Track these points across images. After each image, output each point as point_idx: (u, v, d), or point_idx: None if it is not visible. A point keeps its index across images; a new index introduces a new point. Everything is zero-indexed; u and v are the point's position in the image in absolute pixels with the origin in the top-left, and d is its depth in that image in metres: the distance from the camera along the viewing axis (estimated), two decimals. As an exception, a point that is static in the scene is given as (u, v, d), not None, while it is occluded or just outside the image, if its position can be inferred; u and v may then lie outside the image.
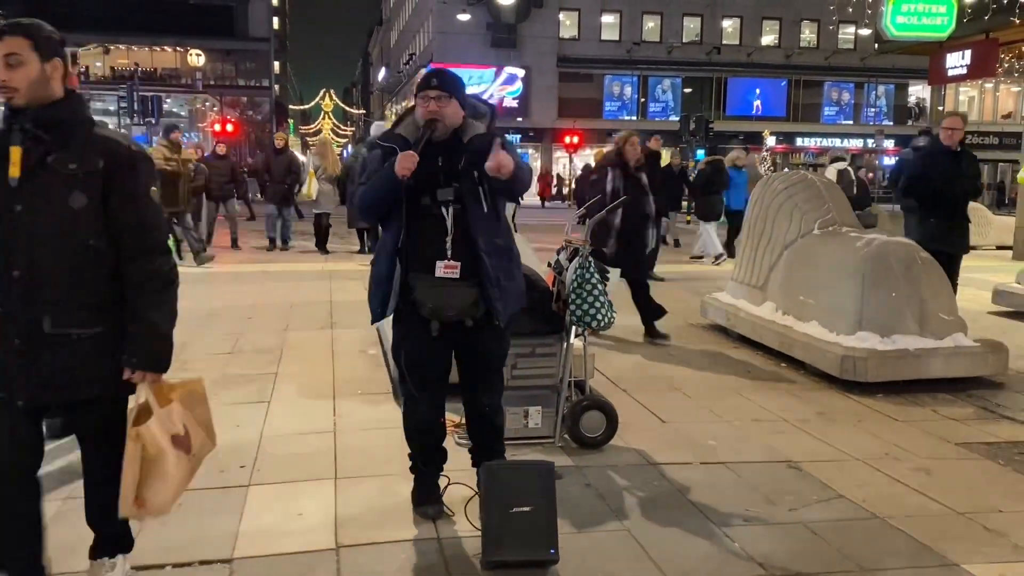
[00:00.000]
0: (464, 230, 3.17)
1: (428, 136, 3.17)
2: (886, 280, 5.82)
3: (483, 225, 3.20)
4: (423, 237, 3.19)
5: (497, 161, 3.07)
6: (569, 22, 42.09)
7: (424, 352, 3.33)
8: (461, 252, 3.18)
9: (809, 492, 3.86)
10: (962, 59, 16.30)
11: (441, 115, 3.18)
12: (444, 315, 3.22)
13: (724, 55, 42.27)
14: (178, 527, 3.36)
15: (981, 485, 4.02)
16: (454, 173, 3.20)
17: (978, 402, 5.44)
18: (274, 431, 4.56)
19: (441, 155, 3.20)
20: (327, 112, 79.98)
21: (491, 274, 3.19)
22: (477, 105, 3.38)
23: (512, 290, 3.30)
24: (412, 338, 3.32)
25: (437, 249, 3.17)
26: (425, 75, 3.30)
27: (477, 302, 3.21)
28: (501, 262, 3.24)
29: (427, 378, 3.39)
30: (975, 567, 3.16)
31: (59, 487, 3.67)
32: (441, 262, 3.17)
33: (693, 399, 5.39)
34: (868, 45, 36.14)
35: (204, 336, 7.00)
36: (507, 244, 3.33)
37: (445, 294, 3.19)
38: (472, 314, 3.24)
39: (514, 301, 3.33)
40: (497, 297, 3.21)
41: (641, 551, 3.23)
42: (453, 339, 3.32)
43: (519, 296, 3.39)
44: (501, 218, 3.34)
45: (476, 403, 3.50)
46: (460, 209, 3.18)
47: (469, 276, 3.19)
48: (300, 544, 3.24)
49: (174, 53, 46.61)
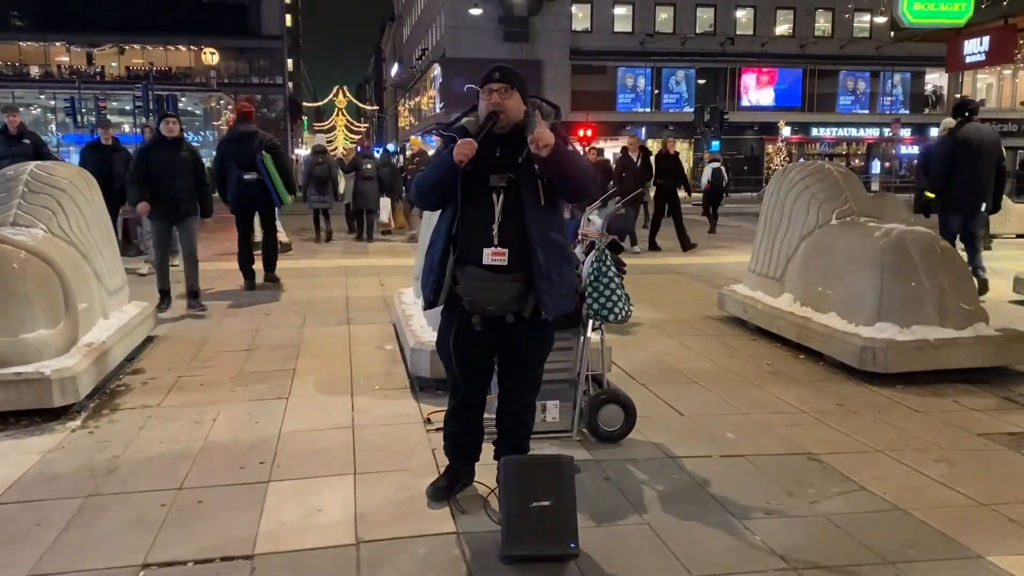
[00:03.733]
0: (516, 218, 3.19)
1: (490, 127, 3.21)
2: (905, 270, 5.77)
3: (537, 215, 3.21)
4: (473, 223, 3.23)
5: (537, 134, 3.09)
6: (581, 15, 41.94)
7: (465, 343, 3.36)
8: (510, 240, 3.19)
9: (830, 484, 3.84)
10: (980, 46, 16.11)
11: (503, 107, 3.22)
12: (484, 309, 3.25)
13: (738, 45, 42.00)
14: (199, 524, 3.38)
15: (1004, 476, 3.97)
16: (512, 164, 3.22)
17: (1000, 392, 5.39)
18: (293, 427, 4.58)
19: (500, 146, 3.24)
20: (340, 109, 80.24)
21: (542, 265, 3.19)
22: (543, 106, 3.41)
23: (562, 287, 3.30)
24: (456, 328, 3.37)
25: (485, 235, 3.20)
26: (489, 69, 3.33)
27: (521, 297, 3.23)
28: (554, 256, 3.25)
29: (467, 369, 3.42)
30: (999, 559, 3.12)
31: None
32: (488, 248, 3.19)
33: (711, 392, 5.37)
34: (884, 33, 35.85)
35: (222, 332, 7.04)
36: (562, 242, 3.34)
37: (487, 288, 3.21)
38: (513, 309, 3.25)
39: (564, 300, 3.32)
40: (546, 290, 3.21)
41: (662, 545, 3.22)
42: (496, 332, 3.34)
43: (569, 297, 3.40)
44: (558, 214, 3.36)
45: (509, 399, 3.52)
46: (514, 197, 3.20)
47: (518, 268, 3.20)
48: (321, 540, 3.24)
49: (188, 52, 46.85)
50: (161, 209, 7.76)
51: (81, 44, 45.60)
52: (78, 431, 4.53)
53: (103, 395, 5.17)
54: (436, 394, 5.03)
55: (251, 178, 8.81)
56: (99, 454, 4.16)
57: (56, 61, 46.44)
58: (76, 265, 5.49)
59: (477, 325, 3.30)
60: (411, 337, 5.47)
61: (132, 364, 5.93)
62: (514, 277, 3.21)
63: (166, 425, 4.62)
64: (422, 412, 4.80)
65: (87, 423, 4.66)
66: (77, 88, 37.72)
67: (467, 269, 3.24)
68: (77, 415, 4.75)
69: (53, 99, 44.75)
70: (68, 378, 4.65)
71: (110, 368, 5.40)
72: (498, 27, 40.03)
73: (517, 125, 3.27)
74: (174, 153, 7.77)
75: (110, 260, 6.33)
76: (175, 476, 3.86)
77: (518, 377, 3.49)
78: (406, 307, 6.39)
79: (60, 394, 4.62)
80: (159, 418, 4.75)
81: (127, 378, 5.60)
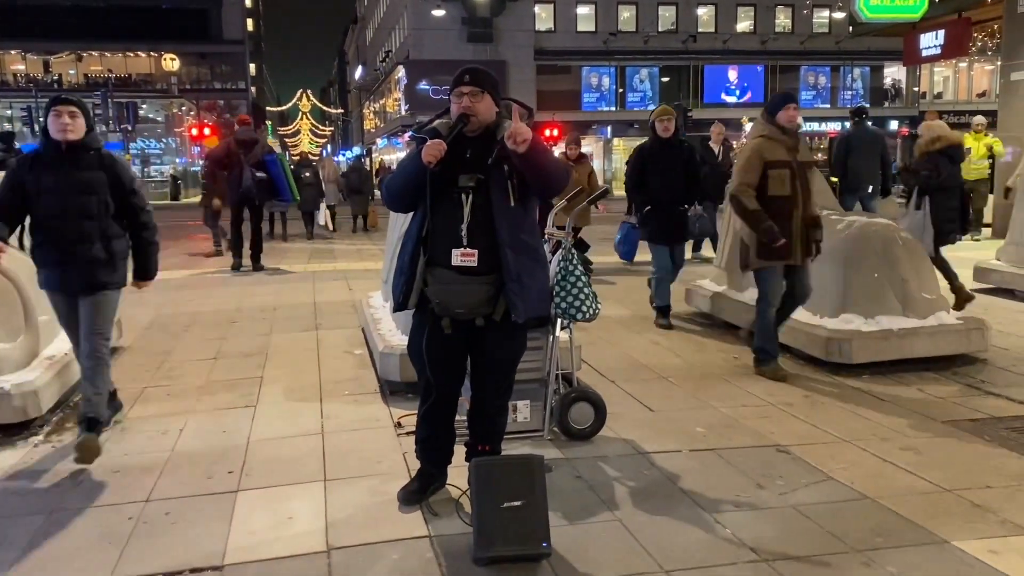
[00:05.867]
0: (486, 219, 3.18)
1: (460, 130, 3.20)
2: (868, 262, 5.85)
3: (507, 216, 3.20)
4: (443, 224, 3.22)
5: (514, 129, 3.08)
6: (545, 15, 42.03)
7: (436, 346, 3.33)
8: (479, 241, 3.18)
9: (799, 475, 3.88)
10: (936, 39, 16.39)
11: (474, 110, 3.21)
12: (453, 312, 3.24)
13: (700, 43, 42.33)
14: (167, 536, 3.33)
15: (968, 461, 4.04)
16: (482, 165, 3.21)
17: (963, 379, 5.48)
18: (261, 435, 4.53)
19: (471, 148, 3.23)
20: (305, 113, 79.65)
21: (512, 268, 3.18)
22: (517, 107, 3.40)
23: (534, 290, 3.29)
24: (427, 331, 3.34)
25: (454, 236, 3.19)
26: (459, 72, 3.32)
27: (491, 300, 3.22)
28: (524, 258, 3.24)
29: (439, 372, 3.39)
30: (965, 543, 3.18)
31: None
32: (457, 250, 3.18)
33: (681, 387, 5.40)
34: (843, 28, 36.37)
35: (188, 341, 6.95)
36: (533, 243, 3.33)
37: (456, 291, 3.20)
38: (483, 312, 3.24)
39: (535, 303, 3.31)
40: (516, 292, 3.20)
41: (633, 541, 3.23)
42: (467, 335, 3.32)
43: (541, 300, 3.39)
44: (529, 215, 3.34)
45: (482, 401, 3.51)
46: (483, 198, 3.19)
47: (488, 270, 3.19)
48: (291, 548, 3.21)
49: (148, 58, 46.25)
50: (50, 270, 4.32)
51: (37, 51, 44.83)
52: (41, 445, 4.45)
53: (67, 408, 5.08)
54: (407, 398, 5.00)
55: (262, 176, 10.23)
56: (63, 468, 4.09)
57: (11, 69, 45.63)
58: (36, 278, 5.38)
59: (447, 328, 3.29)
60: (380, 341, 5.44)
61: (96, 376, 5.82)
62: (484, 279, 3.20)
63: (132, 437, 4.55)
64: (392, 416, 4.78)
65: (50, 437, 4.58)
66: (34, 97, 37.08)
67: (437, 271, 3.23)
68: (40, 429, 4.66)
69: (9, 108, 43.89)
70: (29, 392, 4.57)
71: (73, 381, 5.29)
72: (462, 28, 39.99)
73: (488, 127, 3.27)
74: (73, 171, 4.19)
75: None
76: (142, 488, 3.81)
77: (490, 380, 3.48)
78: (374, 311, 6.36)
79: (21, 408, 4.53)
80: (125, 430, 4.67)
81: (91, 390, 5.50)
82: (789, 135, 5.43)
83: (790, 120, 5.44)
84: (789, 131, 5.43)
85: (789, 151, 5.40)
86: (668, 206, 7.09)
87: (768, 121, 5.51)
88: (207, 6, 46.57)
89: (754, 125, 5.69)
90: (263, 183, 10.47)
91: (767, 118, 5.53)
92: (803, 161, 5.47)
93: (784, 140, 5.41)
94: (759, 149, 5.40)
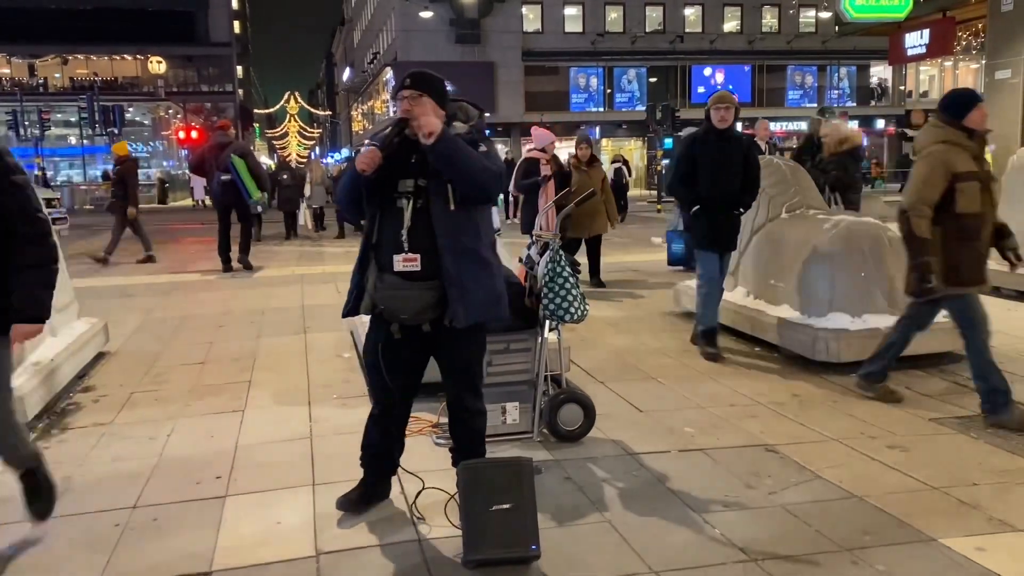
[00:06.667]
0: (426, 224, 3.17)
1: (399, 134, 3.18)
2: (854, 260, 5.88)
3: (446, 221, 3.17)
4: (388, 230, 3.22)
5: (419, 121, 3.08)
6: (532, 16, 42.06)
7: (387, 351, 3.33)
8: (421, 246, 3.17)
9: (787, 475, 3.89)
10: (920, 39, 16.51)
11: (413, 114, 3.18)
12: (398, 318, 3.24)
13: (687, 43, 42.44)
14: (155, 542, 3.31)
15: (956, 459, 4.06)
16: (424, 170, 3.19)
17: (949, 377, 5.51)
18: (249, 440, 4.51)
19: (416, 153, 3.21)
20: (292, 115, 79.47)
21: (452, 272, 3.16)
22: (469, 108, 3.39)
23: (479, 294, 3.23)
24: (378, 337, 3.36)
25: (397, 242, 3.19)
26: (402, 76, 3.32)
27: (436, 305, 3.20)
28: (465, 263, 3.20)
29: (391, 378, 3.38)
30: (952, 540, 3.19)
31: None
32: (399, 255, 3.18)
33: (669, 387, 5.41)
34: (829, 28, 36.52)
35: (176, 346, 6.92)
36: (475, 247, 3.26)
37: (400, 297, 3.20)
38: (428, 318, 3.23)
39: (480, 307, 3.24)
40: (456, 298, 3.17)
41: (623, 542, 3.23)
42: (420, 340, 3.31)
43: (488, 304, 3.28)
44: (473, 220, 3.28)
45: (453, 405, 3.49)
46: (423, 203, 3.18)
47: (432, 275, 3.18)
48: (280, 553, 3.20)
49: (134, 61, 46.04)
50: None
51: (22, 55, 44.53)
52: (27, 452, 4.40)
53: (53, 414, 5.04)
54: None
55: (226, 179, 10.82)
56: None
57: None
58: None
59: (396, 333, 3.29)
60: (368, 344, 5.42)
61: (83, 381, 5.80)
62: (428, 284, 3.18)
63: (119, 443, 4.53)
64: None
65: (36, 444, 4.54)
66: (19, 100, 36.87)
67: (384, 277, 3.23)
68: (26, 436, 4.63)
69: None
70: (15, 398, 4.52)
71: (59, 386, 5.27)
72: (449, 29, 39.98)
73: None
74: None
75: (56, 276, 6.16)
76: (129, 494, 3.78)
77: (450, 383, 3.44)
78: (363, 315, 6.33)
79: (7, 415, 4.48)
80: (112, 436, 4.64)
81: (78, 396, 5.47)
82: (976, 140, 4.60)
83: (982, 122, 4.59)
84: (977, 136, 4.59)
85: (976, 160, 4.60)
86: (721, 207, 6.03)
87: (949, 123, 4.62)
88: (193, 8, 46.41)
89: (927, 130, 4.78)
90: (228, 185, 11.00)
91: (947, 119, 4.64)
92: (988, 170, 4.71)
93: (970, 147, 4.58)
94: (944, 159, 4.52)
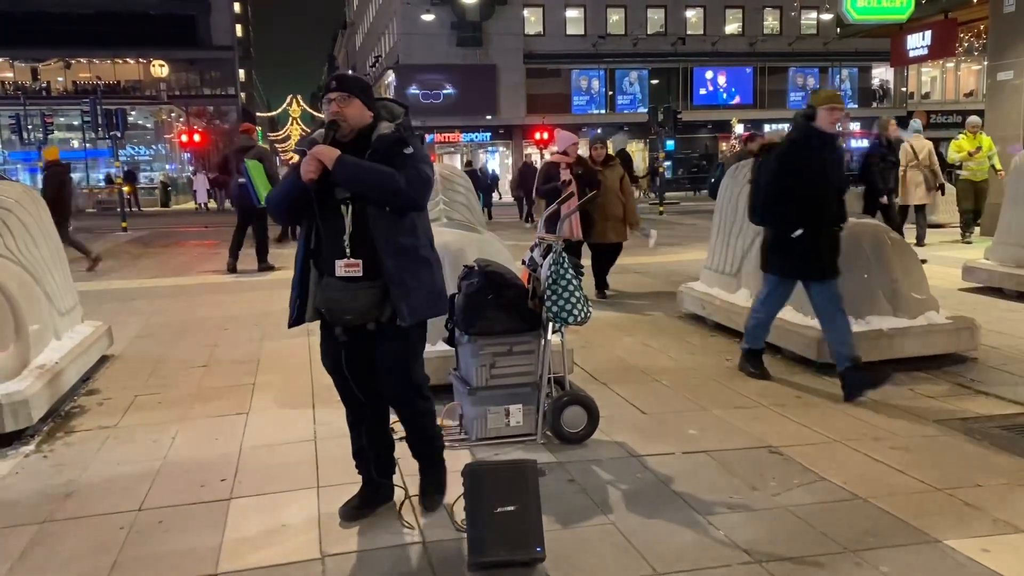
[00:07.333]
0: (365, 228, 3.19)
1: (332, 137, 3.21)
2: (857, 262, 5.87)
3: (381, 224, 3.19)
4: (328, 236, 3.24)
5: (302, 169, 3.13)
6: (534, 18, 42.06)
7: (336, 356, 3.36)
8: (362, 250, 3.19)
9: (791, 476, 3.89)
10: (923, 40, 16.51)
11: (342, 116, 3.22)
12: (342, 319, 3.26)
13: (689, 45, 42.44)
14: (160, 545, 3.32)
15: (959, 461, 4.06)
16: None
17: (953, 379, 5.51)
18: (254, 442, 4.52)
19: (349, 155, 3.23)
20: (295, 118, 79.49)
21: (392, 272, 3.19)
22: (392, 107, 3.42)
23: (421, 292, 3.26)
24: (327, 343, 3.40)
25: (338, 247, 3.21)
26: (327, 79, 3.36)
27: (379, 304, 3.23)
28: (404, 262, 3.23)
29: (345, 382, 3.41)
30: (956, 542, 3.19)
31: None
32: (341, 261, 3.20)
33: (673, 389, 5.41)
34: (831, 30, 36.45)
35: (180, 349, 6.93)
36: (413, 244, 3.27)
37: (342, 298, 3.22)
38: (373, 317, 3.25)
39: (423, 304, 3.27)
40: (399, 296, 3.19)
41: (627, 544, 3.24)
42: (365, 343, 3.32)
43: (430, 300, 3.32)
44: (408, 218, 3.28)
45: (397, 405, 3.51)
46: (360, 207, 3.19)
47: (375, 276, 3.20)
48: (285, 555, 3.20)
49: (137, 65, 46.06)
50: None
51: (25, 59, 44.57)
52: (32, 456, 4.43)
53: (57, 417, 5.06)
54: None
55: (243, 181, 11.08)
56: (55, 478, 4.07)
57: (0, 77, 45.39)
58: (25, 286, 5.37)
59: (340, 336, 3.31)
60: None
61: (87, 385, 5.81)
62: (371, 284, 3.21)
63: (124, 446, 4.54)
64: (385, 422, 4.76)
65: (41, 447, 4.56)
66: (22, 104, 36.92)
67: (325, 281, 3.25)
68: (31, 439, 4.64)
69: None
70: (20, 402, 4.54)
71: (64, 390, 5.28)
72: (451, 33, 40.00)
73: (362, 132, 3.27)
74: None
75: (61, 280, 6.19)
76: (134, 497, 3.79)
77: (385, 382, 3.39)
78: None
79: (12, 419, 4.51)
80: (116, 439, 4.66)
81: (82, 399, 5.48)
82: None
83: None
84: None
85: None
86: (829, 229, 5.13)
87: None
88: (196, 12, 46.42)
89: None
90: (244, 188, 11.27)
91: None
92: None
93: None
94: None
